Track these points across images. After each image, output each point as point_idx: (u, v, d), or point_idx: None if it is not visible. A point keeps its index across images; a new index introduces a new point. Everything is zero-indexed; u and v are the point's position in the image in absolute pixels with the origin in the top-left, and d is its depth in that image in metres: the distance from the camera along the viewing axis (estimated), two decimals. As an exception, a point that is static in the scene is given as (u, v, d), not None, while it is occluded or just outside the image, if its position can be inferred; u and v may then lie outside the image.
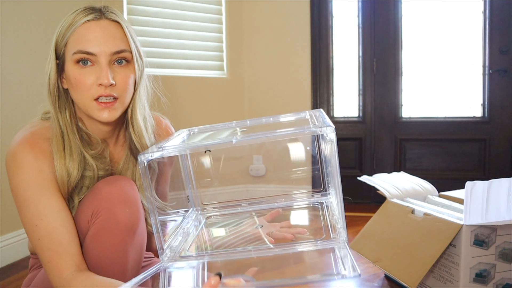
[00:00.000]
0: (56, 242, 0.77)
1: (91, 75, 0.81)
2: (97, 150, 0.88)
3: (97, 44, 0.80)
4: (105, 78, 0.80)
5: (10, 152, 0.80)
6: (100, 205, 0.79)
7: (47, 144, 0.82)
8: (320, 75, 2.81)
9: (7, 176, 0.81)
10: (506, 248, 1.23)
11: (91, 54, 0.80)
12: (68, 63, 0.82)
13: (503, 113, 2.57)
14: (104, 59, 0.81)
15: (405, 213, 1.41)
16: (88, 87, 0.81)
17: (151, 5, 2.56)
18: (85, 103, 0.82)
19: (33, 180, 0.78)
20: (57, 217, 0.79)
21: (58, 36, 0.83)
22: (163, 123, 1.02)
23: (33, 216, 0.78)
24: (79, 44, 0.80)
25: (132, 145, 0.91)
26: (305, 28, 2.79)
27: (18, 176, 0.79)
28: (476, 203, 1.22)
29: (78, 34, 0.81)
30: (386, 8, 2.70)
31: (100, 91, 0.81)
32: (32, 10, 1.94)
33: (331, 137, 0.73)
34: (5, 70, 1.81)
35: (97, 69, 0.81)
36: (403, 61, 2.70)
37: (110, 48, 0.81)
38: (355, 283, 1.54)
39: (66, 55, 0.82)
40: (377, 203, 1.66)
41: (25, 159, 0.79)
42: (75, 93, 0.83)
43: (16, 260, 1.85)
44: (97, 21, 0.81)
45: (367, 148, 2.80)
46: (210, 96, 2.76)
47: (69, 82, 0.83)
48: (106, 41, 0.81)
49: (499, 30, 2.53)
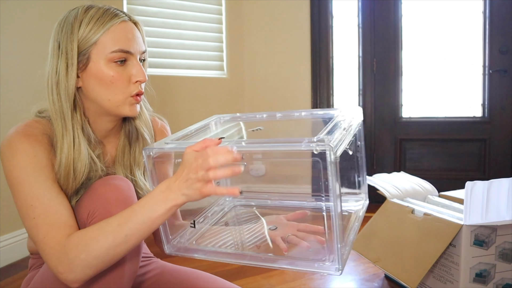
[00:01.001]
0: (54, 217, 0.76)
1: (126, 72, 0.84)
2: (98, 150, 0.89)
3: (135, 44, 0.84)
4: (143, 75, 0.85)
5: (4, 142, 0.80)
6: (96, 205, 0.78)
7: (44, 137, 0.82)
8: (320, 75, 2.81)
9: (2, 165, 0.80)
10: (506, 248, 1.23)
11: (129, 53, 0.83)
12: (99, 61, 0.82)
13: (503, 113, 2.57)
14: (136, 59, 0.85)
15: (405, 213, 1.41)
16: (126, 84, 0.84)
17: (151, 5, 2.56)
18: (119, 99, 0.85)
19: (28, 164, 0.78)
20: (53, 197, 0.78)
21: (83, 35, 0.82)
22: (158, 124, 1.03)
23: (28, 197, 0.77)
24: (119, 43, 0.82)
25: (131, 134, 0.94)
26: (305, 28, 2.79)
27: (13, 161, 0.78)
28: (476, 203, 1.22)
29: (116, 34, 0.82)
30: (386, 8, 2.70)
31: (137, 88, 0.85)
32: (32, 10, 1.94)
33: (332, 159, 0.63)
34: (5, 70, 1.81)
35: (131, 66, 0.85)
36: (403, 61, 2.71)
37: (141, 48, 0.86)
38: (355, 283, 1.54)
39: (95, 53, 0.82)
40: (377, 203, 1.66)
41: (20, 146, 0.78)
42: (107, 91, 0.84)
43: (16, 260, 1.85)
44: (128, 22, 0.85)
45: (367, 148, 2.80)
46: (210, 96, 2.76)
47: (97, 80, 0.83)
48: (137, 41, 0.85)
49: (499, 30, 2.53)
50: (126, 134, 0.95)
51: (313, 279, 1.56)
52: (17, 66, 1.87)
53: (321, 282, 1.54)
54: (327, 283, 1.54)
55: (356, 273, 1.62)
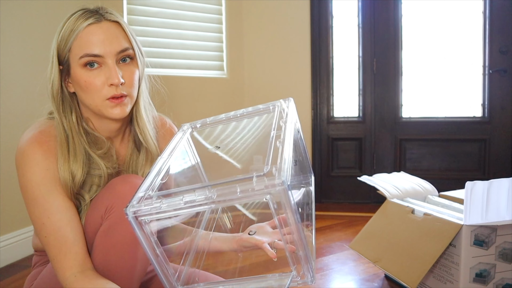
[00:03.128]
0: (61, 241, 0.80)
1: (100, 76, 0.83)
2: (104, 150, 0.90)
3: (102, 46, 0.82)
4: (115, 78, 0.83)
5: (19, 150, 0.83)
6: (114, 201, 0.81)
7: (54, 143, 0.84)
8: (320, 75, 2.81)
9: (17, 173, 0.83)
10: (506, 248, 1.23)
11: (98, 56, 0.83)
12: (75, 68, 0.84)
13: (503, 113, 2.57)
14: (110, 60, 0.83)
15: (405, 213, 1.41)
16: (99, 88, 0.84)
17: (151, 5, 2.56)
18: (97, 104, 0.85)
19: (41, 179, 0.81)
20: (62, 217, 0.81)
21: (60, 42, 0.84)
22: (167, 124, 1.05)
23: (41, 214, 0.81)
24: (84, 48, 0.82)
25: (136, 138, 0.95)
26: (305, 28, 2.79)
27: (27, 175, 0.81)
28: (476, 203, 1.22)
29: (82, 39, 0.83)
30: (386, 8, 2.70)
31: (111, 91, 0.84)
32: (32, 11, 1.94)
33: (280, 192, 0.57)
34: (5, 70, 1.81)
35: (105, 69, 0.83)
36: (403, 61, 2.71)
37: (115, 48, 0.84)
38: (355, 283, 1.54)
39: (71, 60, 0.84)
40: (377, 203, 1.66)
41: (33, 157, 0.81)
42: (85, 95, 0.85)
43: (16, 260, 1.85)
44: (98, 24, 0.84)
45: (367, 148, 2.80)
46: (210, 96, 2.76)
47: (77, 85, 0.85)
48: (110, 41, 0.83)
49: (499, 30, 2.53)
50: (134, 139, 0.97)
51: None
52: (18, 67, 1.87)
53: (321, 282, 1.54)
54: (327, 283, 1.54)
55: (356, 273, 1.62)
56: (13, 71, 1.85)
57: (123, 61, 0.86)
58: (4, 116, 1.80)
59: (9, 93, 1.83)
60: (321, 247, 1.88)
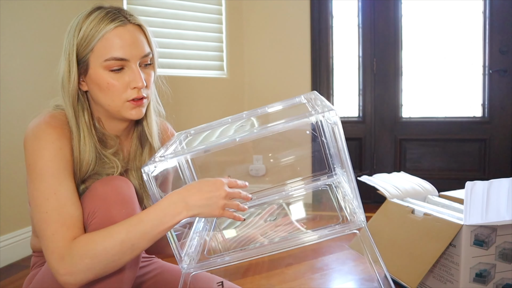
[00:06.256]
0: (66, 216, 0.77)
1: (123, 79, 0.84)
2: (114, 148, 0.90)
3: (129, 50, 0.83)
4: (140, 82, 0.84)
5: (31, 131, 0.81)
6: (96, 205, 0.79)
7: (67, 128, 0.84)
8: (320, 75, 2.81)
9: (25, 153, 0.81)
10: (506, 248, 1.23)
11: (124, 60, 0.83)
12: (96, 68, 0.83)
13: (503, 113, 2.57)
14: (135, 64, 0.84)
15: (405, 213, 1.41)
16: (122, 91, 0.84)
17: (151, 5, 2.56)
18: (117, 104, 0.86)
19: (54, 156, 0.80)
20: (69, 195, 0.79)
21: (81, 42, 0.83)
22: (168, 130, 1.06)
23: (46, 190, 0.78)
24: (110, 50, 0.82)
25: (142, 136, 0.96)
26: (305, 28, 2.79)
27: (39, 151, 0.79)
28: (476, 203, 1.22)
29: (108, 41, 0.82)
30: (386, 8, 2.70)
31: (133, 94, 0.85)
32: (32, 11, 1.94)
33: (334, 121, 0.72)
34: (5, 70, 1.81)
35: (129, 72, 0.84)
36: (403, 61, 2.71)
37: (140, 53, 0.85)
38: (355, 283, 1.54)
39: (92, 60, 0.83)
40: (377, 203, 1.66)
41: (48, 136, 0.80)
42: (104, 96, 0.85)
43: (16, 260, 1.85)
44: (124, 27, 0.84)
45: (367, 148, 2.80)
46: (210, 96, 2.76)
47: (96, 85, 0.85)
48: (136, 46, 0.84)
49: (499, 30, 2.53)
50: (138, 136, 0.97)
51: (313, 279, 1.56)
52: (17, 67, 1.87)
53: (321, 282, 1.54)
54: (327, 283, 1.54)
55: (356, 273, 1.62)
56: (13, 71, 1.85)
57: (145, 65, 0.88)
58: (4, 116, 1.80)
59: (9, 93, 1.83)
60: (321, 247, 1.88)
